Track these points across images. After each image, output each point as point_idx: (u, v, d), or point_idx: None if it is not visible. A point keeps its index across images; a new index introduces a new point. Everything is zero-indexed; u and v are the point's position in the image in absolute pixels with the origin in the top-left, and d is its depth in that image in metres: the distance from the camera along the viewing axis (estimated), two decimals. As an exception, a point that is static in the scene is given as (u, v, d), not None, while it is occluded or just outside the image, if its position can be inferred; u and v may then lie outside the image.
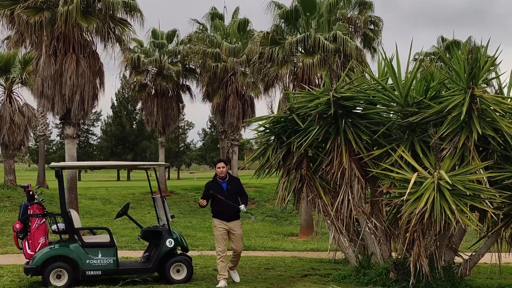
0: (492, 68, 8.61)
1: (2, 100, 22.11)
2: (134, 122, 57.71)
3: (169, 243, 8.04)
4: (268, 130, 8.64)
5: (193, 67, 28.44)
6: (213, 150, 64.14)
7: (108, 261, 7.81)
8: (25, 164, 76.64)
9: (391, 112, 8.04)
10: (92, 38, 16.02)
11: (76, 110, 15.54)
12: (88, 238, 8.27)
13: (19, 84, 22.52)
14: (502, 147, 7.26)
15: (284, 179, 8.63)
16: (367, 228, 8.00)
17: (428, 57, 24.87)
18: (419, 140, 7.48)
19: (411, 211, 6.78)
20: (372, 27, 18.78)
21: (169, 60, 27.98)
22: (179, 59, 28.14)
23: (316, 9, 17.24)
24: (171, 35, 28.22)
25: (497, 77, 7.92)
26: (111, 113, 56.44)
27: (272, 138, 8.69)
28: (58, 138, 56.24)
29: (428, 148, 7.33)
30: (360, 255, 8.12)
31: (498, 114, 7.04)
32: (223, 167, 7.92)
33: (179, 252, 8.30)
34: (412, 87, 7.53)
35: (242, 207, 7.78)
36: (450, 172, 6.85)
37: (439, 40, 26.51)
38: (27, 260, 7.83)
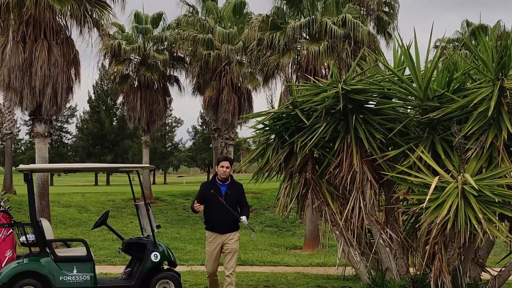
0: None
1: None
2: (115, 118, 57.68)
3: (155, 257, 8.03)
4: (267, 128, 8.64)
5: (182, 56, 28.41)
6: (205, 151, 64.17)
7: (84, 277, 7.79)
8: (-11, 166, 76.56)
9: (409, 107, 8.04)
10: (66, 22, 16.00)
11: (47, 105, 15.51)
12: (62, 251, 8.25)
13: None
14: (536, 147, 7.26)
15: (286, 184, 8.62)
16: (381, 240, 8.00)
17: (451, 44, 24.91)
18: (440, 139, 7.47)
19: (431, 221, 6.77)
20: (386, 9, 18.80)
21: (155, 47, 27.97)
22: (165, 46, 28.12)
23: (323, -11, 17.30)
24: (157, 19, 28.22)
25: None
26: (87, 108, 56.49)
27: (273, 136, 8.68)
28: (27, 137, 56.01)
29: (451, 148, 7.32)
30: (373, 271, 8.12)
31: (531, 109, 7.04)
32: (227, 167, 7.54)
33: (165, 267, 8.29)
34: (433, 79, 7.52)
35: (243, 219, 7.42)
36: (476, 176, 6.85)
37: (463, 24, 26.57)
38: (-8, 276, 7.80)
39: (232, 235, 7.56)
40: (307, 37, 17.19)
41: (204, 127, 66.01)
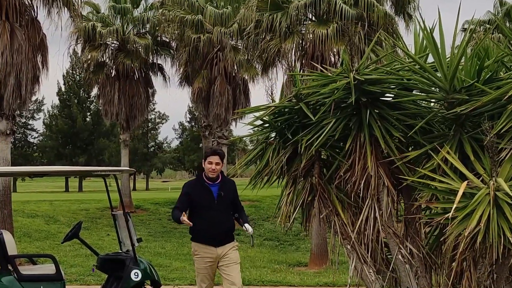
0: None
1: None
2: (88, 113, 57.77)
3: (135, 275, 8.03)
4: (267, 125, 8.62)
5: (167, 40, 28.47)
6: (194, 151, 64.30)
7: (53, 300, 7.79)
8: None
9: (432, 100, 8.03)
10: (31, 1, 15.99)
11: (10, 98, 15.51)
12: (27, 269, 8.25)
13: None
14: None
15: (289, 190, 8.61)
16: (400, 256, 7.99)
17: (481, 27, 24.94)
18: (469, 137, 7.47)
19: (458, 233, 6.76)
20: (406, -15, 18.83)
21: (135, 30, 28.02)
22: (148, 29, 28.18)
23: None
24: (138, -3, 28.32)
25: None
26: (57, 102, 56.69)
27: (273, 135, 8.66)
28: (-14, 135, 56.06)
29: (482, 149, 7.32)
30: (391, 292, 8.13)
31: None
32: (217, 164, 7.16)
33: (148, 287, 8.28)
34: (460, 67, 7.51)
35: (249, 229, 7.12)
36: (511, 181, 6.85)
37: (496, 4, 26.57)
38: None
39: (229, 247, 7.21)
40: (313, 19, 17.21)
41: (193, 123, 66.16)
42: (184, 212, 6.98)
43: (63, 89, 56.17)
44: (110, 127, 55.39)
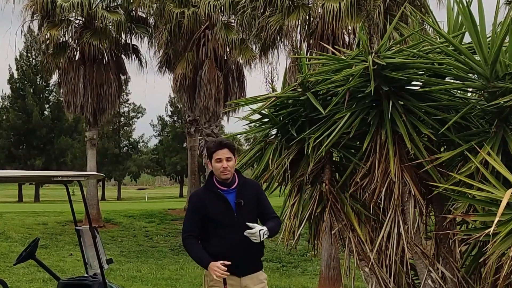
0: None
1: None
2: (47, 105, 57.79)
3: (105, 305, 8.03)
4: (267, 119, 8.64)
5: (144, 16, 28.46)
6: (176, 152, 64.38)
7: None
8: None
9: (470, 89, 8.05)
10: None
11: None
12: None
13: None
14: None
15: (293, 200, 8.61)
16: (429, 281, 8.00)
17: (529, -1, 24.98)
18: (514, 135, 7.49)
19: (502, 252, 6.77)
20: (437, -51, 18.86)
21: (104, 4, 28.00)
22: (120, 2, 28.15)
23: None
24: (108, -38, 28.33)
25: None
26: (8, 91, 56.62)
27: (274, 132, 8.69)
28: None
29: (530, 149, 7.35)
30: (418, 324, 8.14)
31: None
32: (228, 159, 6.68)
33: (120, 319, 8.29)
34: (504, 49, 7.52)
35: (255, 229, 6.38)
36: None
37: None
38: None
39: (255, 277, 6.64)
40: (323, -11, 17.22)
41: (175, 118, 66.17)
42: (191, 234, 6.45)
43: (15, 75, 56.20)
44: (73, 123, 55.41)
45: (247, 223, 6.41)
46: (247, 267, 6.53)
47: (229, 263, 6.15)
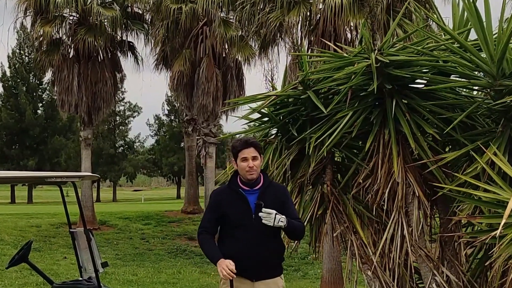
0: None
1: None
2: (40, 104, 57.73)
3: (100, 309, 8.04)
4: (267, 119, 8.66)
5: (140, 12, 28.46)
6: (174, 152, 64.33)
7: None
8: None
9: (475, 87, 8.06)
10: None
11: None
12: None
13: None
14: None
15: (294, 201, 8.64)
16: (434, 284, 8.01)
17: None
18: (522, 135, 7.50)
19: (508, 255, 6.78)
20: None
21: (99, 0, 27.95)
22: (115, -2, 28.15)
23: None
24: (103, -43, 28.33)
25: None
26: (0, 90, 56.48)
27: (274, 131, 8.71)
28: None
29: (538, 149, 7.36)
30: (423, 329, 8.16)
31: None
32: (254, 158, 6.53)
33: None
34: (511, 46, 7.55)
35: (267, 214, 6.25)
36: None
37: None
38: None
39: (272, 283, 6.57)
40: (325, -16, 17.23)
41: (173, 117, 66.13)
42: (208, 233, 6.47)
43: (8, 73, 56.16)
44: (67, 122, 55.40)
45: (263, 208, 6.28)
46: (262, 271, 6.43)
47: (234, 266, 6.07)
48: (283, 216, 6.29)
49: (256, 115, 8.67)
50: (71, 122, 55.08)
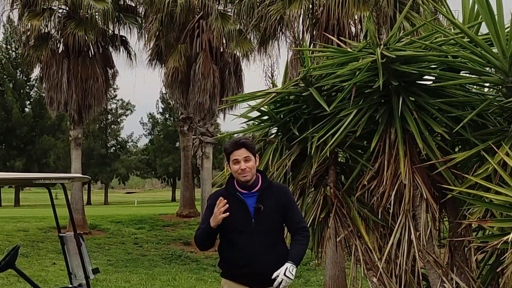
0: None
1: None
2: (28, 102, 57.72)
3: (90, 318, 8.03)
4: (266, 117, 8.65)
5: (133, 5, 28.47)
6: (168, 152, 64.35)
7: None
8: None
9: (486, 84, 8.05)
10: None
11: None
12: None
13: None
14: None
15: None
16: (443, 291, 8.00)
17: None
18: (535, 134, 7.49)
19: (521, 261, 6.77)
20: None
21: (90, -9, 27.99)
22: (107, -11, 28.14)
23: None
24: None
25: None
26: (-15, 87, 56.38)
27: (274, 130, 8.70)
28: None
29: (552, 149, 7.33)
30: None
31: None
32: (246, 159, 6.46)
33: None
34: (524, 40, 7.53)
35: (280, 275, 6.04)
36: None
37: None
38: None
39: None
40: (328, -24, 17.24)
41: (167, 116, 66.15)
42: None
43: (-6, 70, 56.10)
44: (56, 121, 55.36)
45: (279, 272, 6.06)
46: (261, 279, 6.26)
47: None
48: (288, 264, 6.13)
49: (255, 114, 8.66)
50: (60, 121, 55.04)
